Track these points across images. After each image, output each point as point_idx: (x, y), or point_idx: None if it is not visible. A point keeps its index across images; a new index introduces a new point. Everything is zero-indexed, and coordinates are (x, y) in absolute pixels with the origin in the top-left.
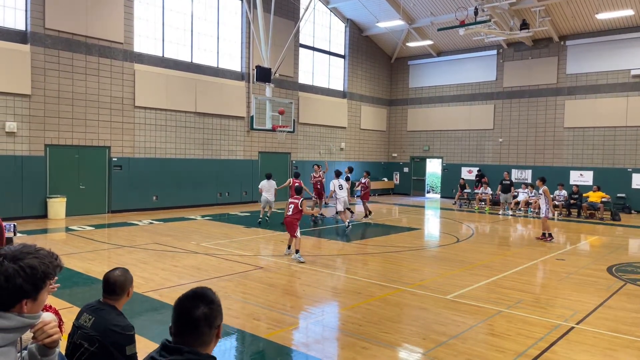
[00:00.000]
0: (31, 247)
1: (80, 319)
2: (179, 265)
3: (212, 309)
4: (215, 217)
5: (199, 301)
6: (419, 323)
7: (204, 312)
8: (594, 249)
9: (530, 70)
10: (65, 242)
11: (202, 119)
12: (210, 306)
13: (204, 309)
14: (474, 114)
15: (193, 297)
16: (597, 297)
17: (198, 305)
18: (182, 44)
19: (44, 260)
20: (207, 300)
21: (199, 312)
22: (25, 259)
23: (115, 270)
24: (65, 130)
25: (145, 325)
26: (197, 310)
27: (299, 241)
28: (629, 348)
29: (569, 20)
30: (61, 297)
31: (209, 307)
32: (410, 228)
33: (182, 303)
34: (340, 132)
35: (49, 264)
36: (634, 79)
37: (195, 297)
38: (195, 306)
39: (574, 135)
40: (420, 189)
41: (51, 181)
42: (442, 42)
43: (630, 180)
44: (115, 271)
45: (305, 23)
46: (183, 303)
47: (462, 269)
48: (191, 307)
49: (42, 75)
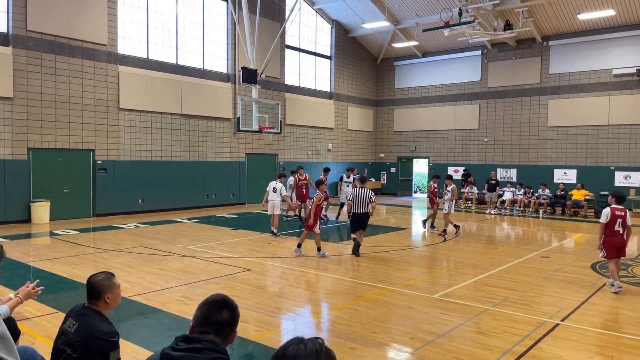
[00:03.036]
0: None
1: (65, 324)
2: (165, 268)
3: (235, 314)
4: (203, 219)
5: (225, 307)
6: (407, 323)
7: (229, 316)
8: (578, 247)
9: (514, 71)
10: (50, 247)
11: (188, 121)
12: (234, 312)
13: (228, 314)
14: (460, 114)
15: (221, 303)
16: (581, 294)
17: (223, 310)
18: (167, 45)
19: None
20: (232, 306)
21: (225, 315)
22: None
23: (98, 274)
24: (49, 134)
25: (131, 330)
26: (222, 314)
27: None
28: (613, 344)
29: (551, 21)
30: (46, 303)
31: (233, 313)
32: (398, 228)
33: (212, 306)
34: (328, 133)
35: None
36: (615, 79)
37: (222, 302)
38: (221, 311)
39: (558, 134)
40: (408, 189)
41: (34, 185)
42: (427, 43)
43: (612, 178)
44: (97, 275)
45: (291, 24)
46: (212, 307)
47: (449, 268)
48: (219, 310)
49: (25, 78)
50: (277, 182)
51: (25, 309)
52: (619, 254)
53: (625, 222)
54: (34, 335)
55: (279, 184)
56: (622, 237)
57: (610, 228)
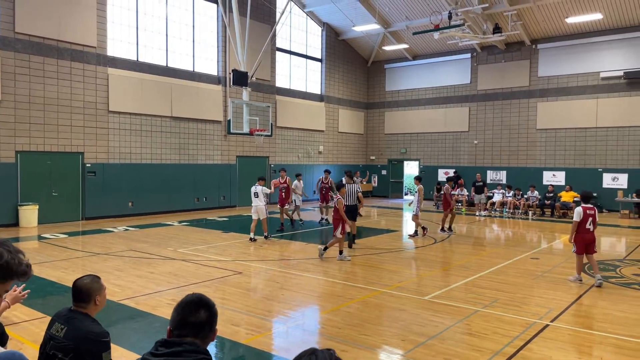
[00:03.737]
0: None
1: (52, 329)
2: (155, 272)
3: (212, 313)
4: (193, 222)
5: (202, 307)
6: (398, 324)
7: (207, 316)
8: (567, 248)
9: (503, 73)
10: (38, 251)
11: (178, 124)
12: (211, 311)
13: (206, 314)
14: (450, 116)
15: (197, 303)
16: (570, 294)
17: (200, 311)
18: (157, 47)
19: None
20: (209, 306)
21: (202, 316)
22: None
23: (85, 277)
24: (37, 136)
25: (121, 334)
26: (200, 314)
27: (338, 240)
28: (602, 344)
29: (540, 24)
30: (34, 307)
31: (210, 313)
32: (389, 230)
33: (187, 308)
34: (318, 136)
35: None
36: (603, 82)
37: (199, 302)
38: (198, 311)
39: (546, 136)
40: (398, 191)
41: (22, 188)
42: (417, 45)
43: (601, 179)
44: (84, 278)
45: (281, 27)
46: (188, 308)
47: (439, 269)
48: (196, 311)
49: (12, 80)
50: (257, 185)
51: (13, 314)
52: (587, 250)
53: (595, 220)
54: (22, 340)
55: (258, 187)
56: (592, 234)
57: (582, 225)
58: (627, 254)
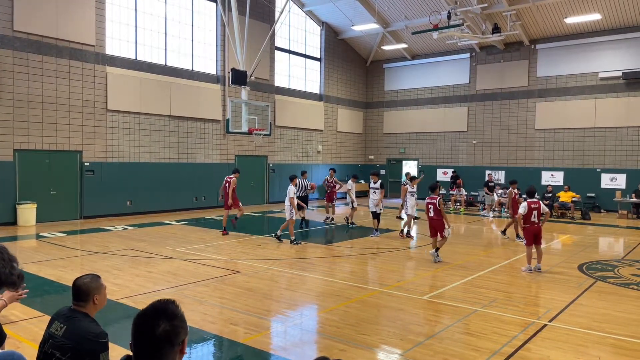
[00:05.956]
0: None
1: (51, 327)
2: (154, 271)
3: (174, 325)
4: (191, 221)
5: (160, 317)
6: (396, 324)
7: (165, 330)
8: (565, 248)
9: (502, 73)
10: (36, 250)
11: (177, 123)
12: (173, 322)
13: (165, 326)
14: (449, 116)
15: (153, 313)
16: (569, 294)
17: (159, 323)
18: (155, 46)
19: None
20: (169, 316)
21: (160, 330)
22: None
23: (84, 276)
24: (35, 135)
25: (119, 333)
26: (158, 328)
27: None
28: (600, 344)
29: (538, 25)
30: (32, 306)
31: (171, 324)
32: (388, 230)
33: (142, 320)
34: (317, 135)
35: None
36: (601, 82)
37: (155, 312)
38: (156, 324)
39: (545, 136)
40: (397, 191)
41: (21, 187)
42: (416, 45)
43: (599, 180)
44: (84, 277)
45: (280, 26)
46: (142, 320)
47: (438, 269)
48: (152, 325)
49: (11, 79)
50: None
51: (11, 313)
52: (536, 241)
53: (540, 212)
54: (20, 339)
55: (289, 187)
56: (538, 226)
57: (528, 219)
58: (625, 254)
